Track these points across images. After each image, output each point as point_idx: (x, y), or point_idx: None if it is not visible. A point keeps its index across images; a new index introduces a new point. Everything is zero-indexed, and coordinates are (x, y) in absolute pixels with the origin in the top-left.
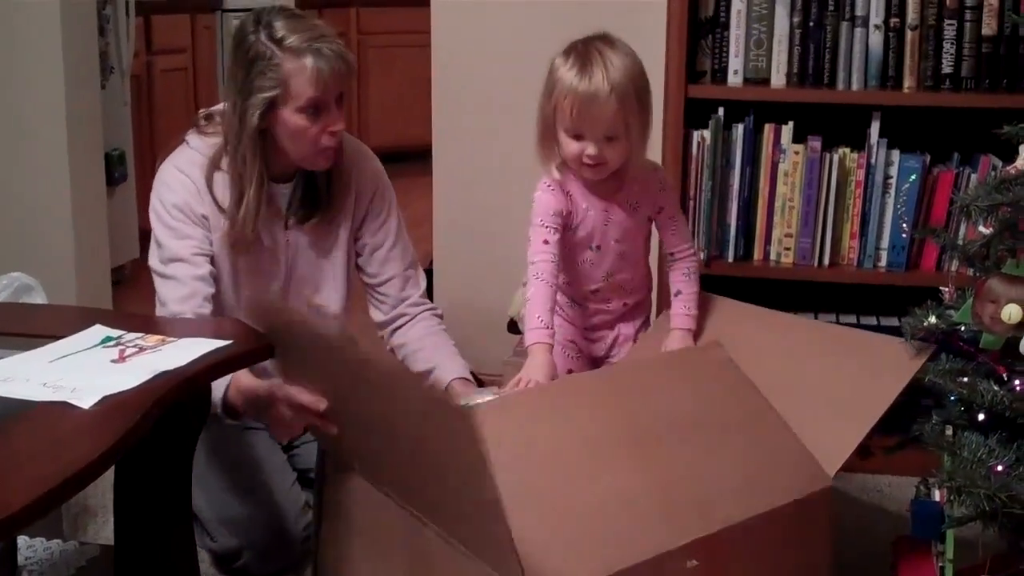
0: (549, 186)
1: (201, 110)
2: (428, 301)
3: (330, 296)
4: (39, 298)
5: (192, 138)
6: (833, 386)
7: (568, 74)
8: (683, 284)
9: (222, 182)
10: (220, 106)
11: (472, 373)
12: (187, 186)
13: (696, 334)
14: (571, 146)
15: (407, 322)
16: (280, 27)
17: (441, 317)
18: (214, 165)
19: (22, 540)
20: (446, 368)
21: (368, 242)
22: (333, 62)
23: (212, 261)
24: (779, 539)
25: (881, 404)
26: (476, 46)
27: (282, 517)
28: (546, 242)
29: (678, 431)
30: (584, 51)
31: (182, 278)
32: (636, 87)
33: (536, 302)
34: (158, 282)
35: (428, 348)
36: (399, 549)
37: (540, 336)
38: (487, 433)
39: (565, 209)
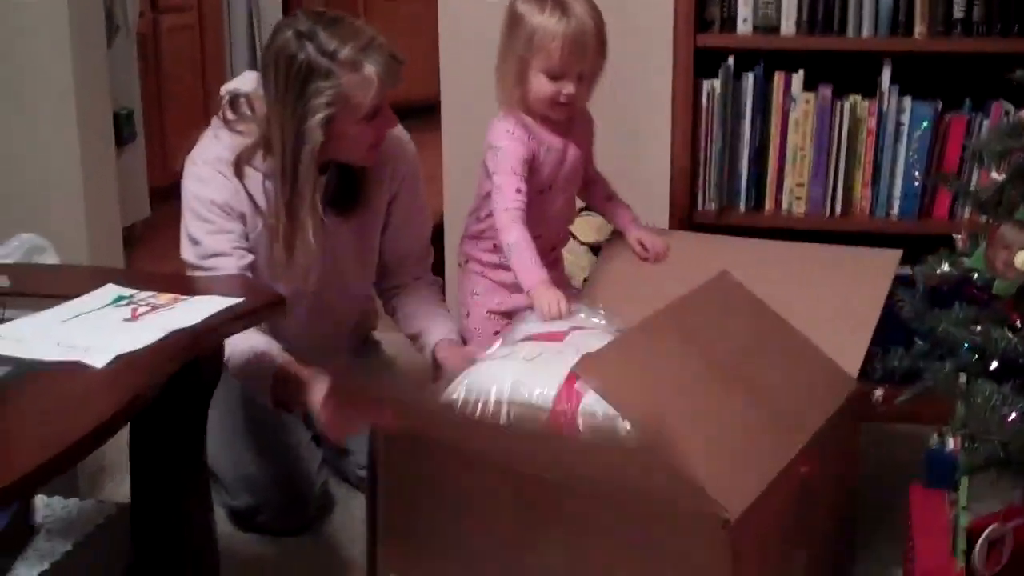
0: (513, 133)
1: (224, 92)
2: (430, 273)
3: (362, 275)
4: (51, 258)
5: (223, 133)
6: (825, 301)
7: (549, 20)
8: (610, 191)
9: (254, 178)
10: (237, 84)
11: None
12: (226, 185)
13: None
14: (548, 87)
15: (403, 290)
16: (326, 38)
17: (440, 287)
18: (246, 161)
19: (39, 499)
20: (433, 332)
21: (392, 222)
22: (390, 65)
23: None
24: (841, 437)
25: (874, 308)
26: None
27: (298, 476)
28: (519, 190)
29: (746, 359)
30: None
31: (223, 269)
32: (602, 19)
33: (524, 246)
34: (195, 275)
35: (420, 315)
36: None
37: (541, 275)
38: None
39: (532, 154)
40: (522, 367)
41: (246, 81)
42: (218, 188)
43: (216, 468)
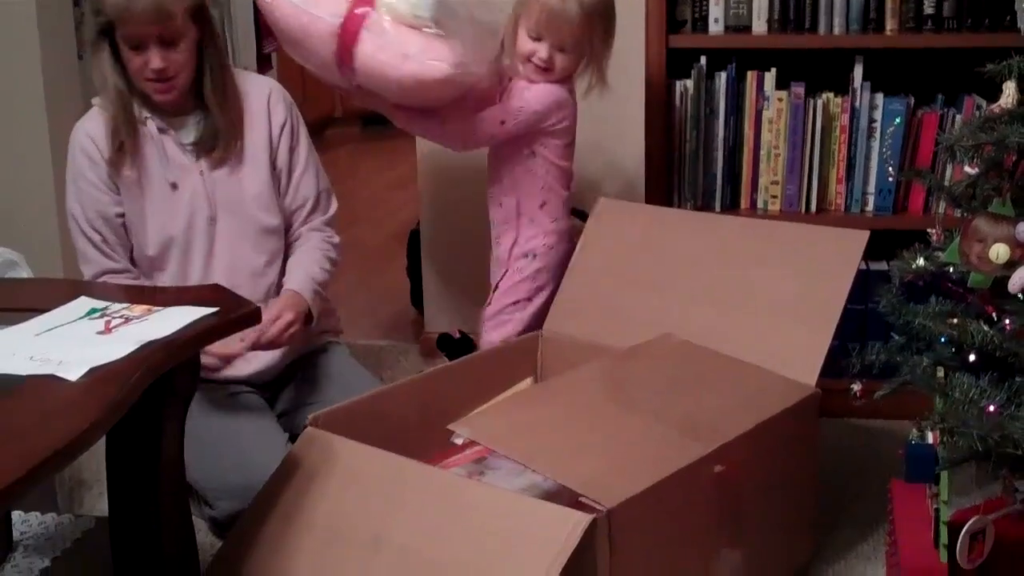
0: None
1: None
2: (329, 228)
3: (266, 221)
4: (24, 273)
5: (95, 99)
6: (784, 288)
7: None
8: None
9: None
10: None
11: (465, 333)
12: (89, 152)
13: None
14: (527, 45)
15: (299, 243)
16: None
17: (335, 245)
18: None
19: (16, 515)
20: (289, 279)
21: (281, 167)
22: (140, 2)
23: (124, 221)
24: (779, 442)
25: (837, 300)
26: None
27: None
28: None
29: (671, 390)
30: None
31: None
32: (605, 11)
33: None
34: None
35: (292, 263)
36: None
37: None
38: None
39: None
40: None
41: None
42: (79, 161)
43: (193, 479)
